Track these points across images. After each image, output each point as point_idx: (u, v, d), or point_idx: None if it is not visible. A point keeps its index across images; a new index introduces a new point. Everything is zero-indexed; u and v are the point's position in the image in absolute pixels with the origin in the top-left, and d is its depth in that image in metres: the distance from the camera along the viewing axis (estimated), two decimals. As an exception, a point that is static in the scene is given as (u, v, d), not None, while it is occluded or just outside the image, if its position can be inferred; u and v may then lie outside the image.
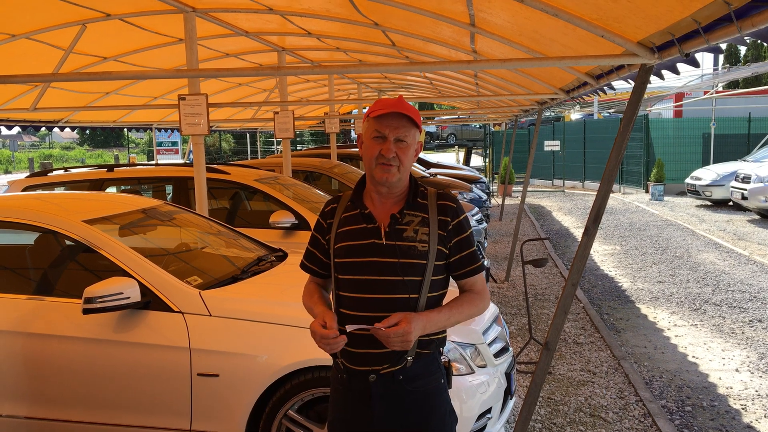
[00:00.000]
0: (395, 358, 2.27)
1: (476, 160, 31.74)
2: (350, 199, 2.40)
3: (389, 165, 2.25)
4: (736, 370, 5.72)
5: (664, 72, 3.59)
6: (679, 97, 23.86)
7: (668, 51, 3.05)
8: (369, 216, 2.32)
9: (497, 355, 3.95)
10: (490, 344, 3.92)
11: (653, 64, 3.29)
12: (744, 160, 16.41)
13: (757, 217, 14.31)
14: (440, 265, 2.31)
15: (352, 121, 18.87)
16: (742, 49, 44.15)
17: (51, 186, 7.37)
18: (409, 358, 2.28)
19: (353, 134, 21.38)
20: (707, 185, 16.08)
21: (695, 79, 23.73)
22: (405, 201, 2.33)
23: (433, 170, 14.29)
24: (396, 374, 2.28)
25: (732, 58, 39.16)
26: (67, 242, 4.10)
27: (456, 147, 34.65)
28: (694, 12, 2.46)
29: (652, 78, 3.54)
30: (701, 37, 2.58)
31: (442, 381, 2.38)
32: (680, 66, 3.33)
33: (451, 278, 2.41)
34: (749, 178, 13.82)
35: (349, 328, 2.18)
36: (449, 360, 2.43)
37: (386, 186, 2.29)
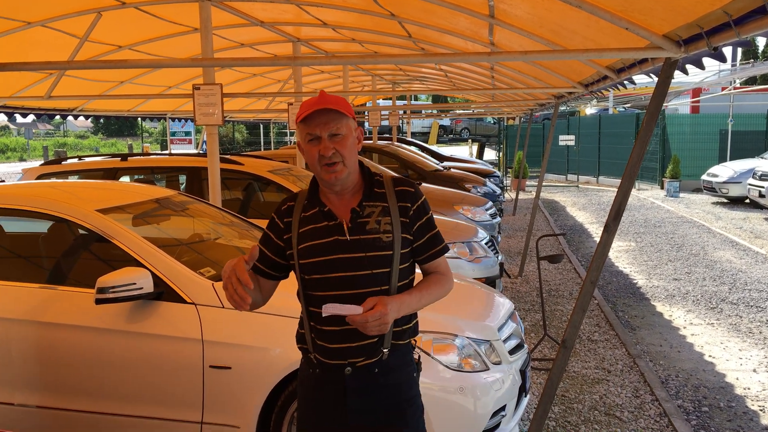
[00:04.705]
0: (371, 350, 2.25)
1: (489, 154, 31.56)
2: (306, 197, 2.33)
3: (333, 164, 2.19)
4: (754, 371, 5.64)
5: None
6: (696, 92, 23.65)
7: (695, 44, 2.97)
8: (329, 213, 2.27)
9: (512, 351, 3.90)
10: (505, 341, 3.86)
11: (679, 58, 3.21)
12: (762, 158, 16.21)
13: (774, 215, 14.16)
14: (406, 252, 2.29)
15: (366, 113, 18.81)
16: (761, 45, 43.65)
17: (65, 174, 7.37)
18: (385, 350, 2.26)
19: (367, 126, 21.35)
20: (724, 182, 15.90)
21: (713, 74, 23.48)
22: (362, 193, 2.29)
23: (446, 163, 14.20)
24: (371, 367, 2.26)
25: (750, 54, 38.68)
26: (81, 231, 4.08)
27: (469, 141, 34.55)
28: (726, 4, 2.39)
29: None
30: (732, 30, 2.50)
31: (414, 374, 2.38)
32: (703, 60, 3.26)
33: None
34: (767, 175, 13.65)
35: (326, 311, 2.12)
36: (419, 356, 2.42)
37: (337, 185, 2.25)
